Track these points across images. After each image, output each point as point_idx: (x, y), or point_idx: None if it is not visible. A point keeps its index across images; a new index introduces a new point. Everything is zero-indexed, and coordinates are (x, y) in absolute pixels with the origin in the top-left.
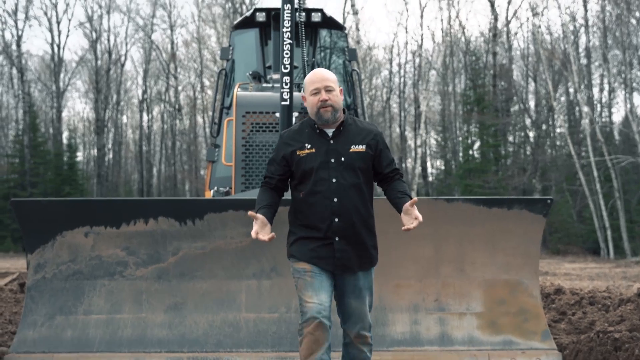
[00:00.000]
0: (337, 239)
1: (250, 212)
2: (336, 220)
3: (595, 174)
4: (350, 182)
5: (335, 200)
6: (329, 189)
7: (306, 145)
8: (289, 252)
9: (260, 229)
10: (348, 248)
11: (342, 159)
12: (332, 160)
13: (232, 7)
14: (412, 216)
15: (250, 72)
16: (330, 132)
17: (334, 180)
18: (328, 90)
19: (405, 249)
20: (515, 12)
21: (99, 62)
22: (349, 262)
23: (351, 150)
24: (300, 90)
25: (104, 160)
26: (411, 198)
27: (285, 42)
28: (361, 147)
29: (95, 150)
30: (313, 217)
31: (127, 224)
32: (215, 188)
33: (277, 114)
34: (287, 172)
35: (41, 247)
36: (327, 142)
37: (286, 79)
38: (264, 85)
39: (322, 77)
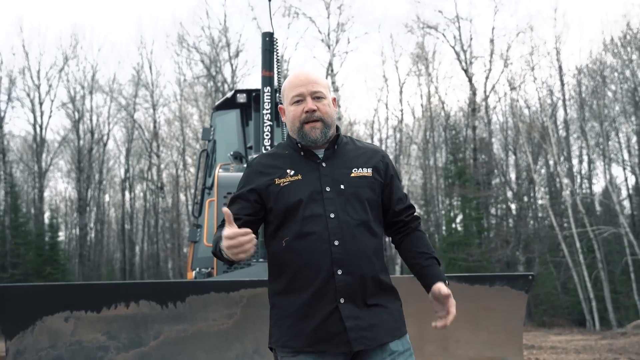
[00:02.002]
0: (342, 300)
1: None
2: (339, 272)
3: (578, 245)
4: (357, 218)
5: (337, 243)
6: (325, 229)
7: (288, 171)
8: (271, 339)
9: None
10: (362, 312)
11: (342, 186)
12: (328, 189)
13: (214, 86)
14: (446, 307)
15: (232, 153)
16: (320, 153)
17: (332, 215)
18: (316, 97)
19: None
20: (493, 86)
21: (82, 142)
22: (370, 332)
23: (353, 174)
24: None
25: (86, 240)
26: (439, 263)
27: (265, 124)
28: (367, 171)
29: (77, 230)
30: (304, 272)
31: (108, 308)
32: (198, 269)
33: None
34: (259, 212)
35: (20, 333)
36: (317, 166)
37: None
38: (245, 166)
39: (308, 79)
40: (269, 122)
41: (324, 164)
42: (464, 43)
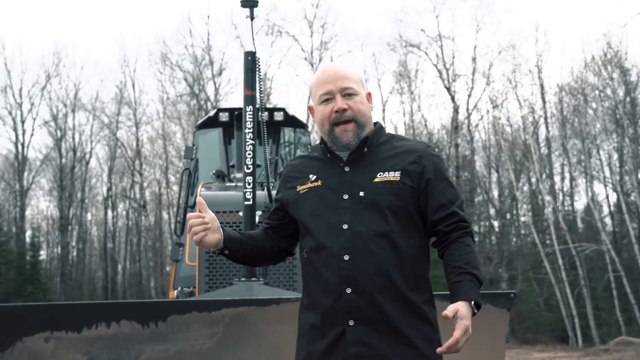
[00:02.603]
0: (351, 323)
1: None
2: (347, 291)
3: (560, 262)
4: (373, 229)
5: (347, 258)
6: (337, 242)
7: (310, 176)
8: (295, 354)
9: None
10: (374, 339)
11: (361, 193)
12: (346, 197)
13: (197, 104)
14: (455, 334)
15: (214, 171)
16: (346, 155)
17: (345, 227)
18: (347, 94)
19: None
20: (476, 104)
21: (64, 160)
22: None
23: (376, 179)
24: (263, 189)
25: (67, 259)
26: (479, 280)
27: (247, 143)
28: (393, 175)
29: (59, 249)
30: (318, 289)
31: (89, 328)
32: (180, 288)
33: (241, 214)
34: (285, 218)
35: (0, 355)
36: (340, 170)
37: (249, 178)
38: (228, 184)
39: (337, 74)
40: (252, 141)
41: (347, 168)
42: (446, 61)
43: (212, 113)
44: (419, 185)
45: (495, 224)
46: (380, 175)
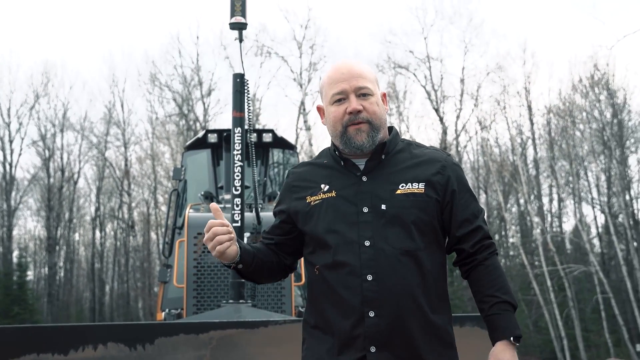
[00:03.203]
0: (372, 349)
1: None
2: (370, 314)
3: (549, 283)
4: (399, 246)
5: (370, 278)
6: (358, 260)
7: (322, 186)
8: None
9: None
10: None
11: (383, 206)
12: (365, 210)
13: (186, 125)
14: None
15: (202, 193)
16: (362, 163)
17: (367, 243)
18: (362, 94)
19: None
20: (464, 126)
21: (52, 180)
22: None
23: (398, 191)
24: (251, 210)
25: (55, 279)
26: (513, 307)
27: (236, 164)
28: (417, 187)
29: (46, 269)
30: (333, 310)
31: (76, 350)
32: (167, 310)
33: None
34: (291, 232)
35: None
36: (357, 180)
37: (237, 200)
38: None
39: (351, 72)
40: (240, 163)
41: (364, 178)
42: (434, 83)
43: (200, 134)
44: (444, 198)
45: None
46: (402, 187)
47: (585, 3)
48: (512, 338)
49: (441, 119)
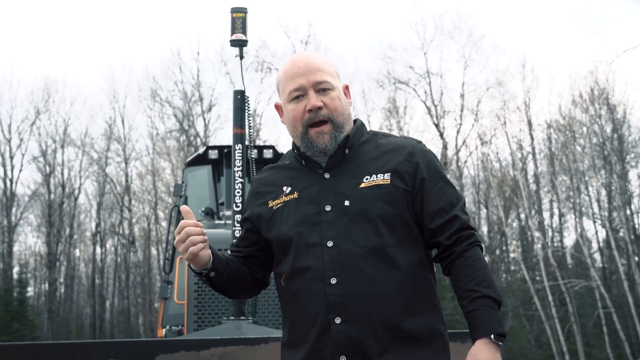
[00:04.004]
0: (342, 359)
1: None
2: (337, 321)
3: (550, 298)
4: (365, 244)
5: (334, 281)
6: (321, 262)
7: (284, 189)
8: None
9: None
10: None
11: (346, 202)
12: (328, 209)
13: (187, 140)
14: None
15: (203, 209)
16: (325, 160)
17: (329, 244)
18: (321, 89)
19: None
20: (464, 141)
21: (52, 196)
22: None
23: (362, 185)
24: None
25: (55, 295)
26: (497, 302)
27: (236, 181)
28: (382, 178)
29: (47, 285)
30: (299, 321)
31: None
32: (168, 327)
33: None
34: (258, 242)
35: None
36: (319, 178)
37: (238, 217)
38: (217, 222)
39: (309, 66)
40: (241, 179)
41: (327, 175)
42: (434, 98)
43: (201, 150)
44: (413, 187)
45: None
46: (367, 179)
47: (584, 19)
48: (492, 336)
49: (441, 134)
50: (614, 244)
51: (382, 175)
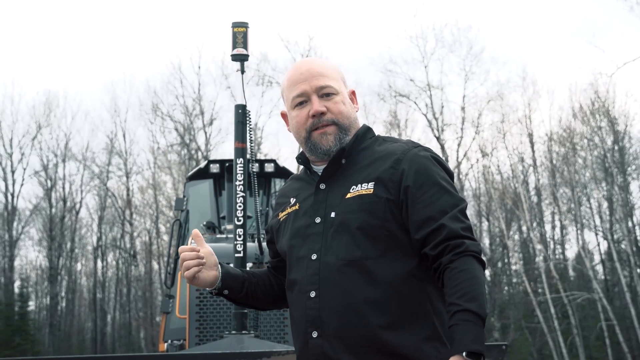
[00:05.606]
0: None
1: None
2: (314, 334)
3: (553, 310)
4: (343, 257)
5: (313, 295)
6: (305, 276)
7: (291, 200)
8: None
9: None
10: None
11: (332, 214)
12: (318, 221)
13: (188, 154)
14: None
15: (205, 223)
16: (322, 169)
17: (313, 257)
18: (325, 94)
19: None
20: (465, 153)
21: (54, 210)
22: None
23: (348, 195)
24: (254, 240)
25: (56, 309)
26: (479, 317)
27: (238, 195)
28: (367, 187)
29: (48, 299)
30: (292, 333)
31: None
32: (170, 341)
33: (232, 265)
34: (279, 255)
35: None
36: (316, 189)
37: (239, 231)
38: (218, 236)
39: (311, 71)
40: (242, 193)
41: (322, 186)
42: (435, 111)
43: (202, 164)
44: (398, 196)
45: (487, 272)
46: (353, 189)
47: (584, 31)
48: (464, 353)
49: (442, 147)
50: (615, 256)
51: (366, 184)
